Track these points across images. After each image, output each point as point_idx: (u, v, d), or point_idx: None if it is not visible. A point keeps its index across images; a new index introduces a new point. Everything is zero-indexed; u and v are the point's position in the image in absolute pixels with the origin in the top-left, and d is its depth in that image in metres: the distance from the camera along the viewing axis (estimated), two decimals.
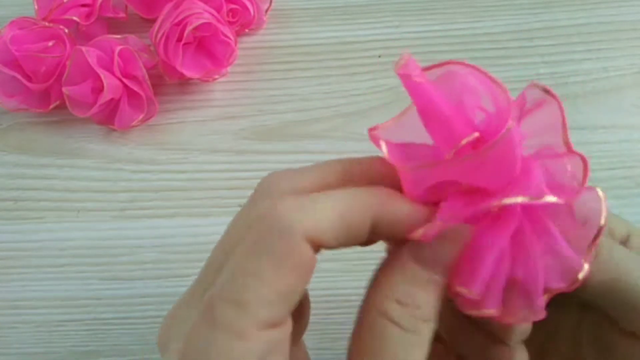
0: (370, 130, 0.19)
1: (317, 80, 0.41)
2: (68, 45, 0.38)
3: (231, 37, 0.39)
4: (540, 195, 0.16)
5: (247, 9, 0.41)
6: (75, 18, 0.40)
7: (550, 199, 0.17)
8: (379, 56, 0.42)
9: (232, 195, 0.37)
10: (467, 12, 0.43)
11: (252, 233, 0.17)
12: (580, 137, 0.38)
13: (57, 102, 0.39)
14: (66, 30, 0.38)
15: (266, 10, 0.43)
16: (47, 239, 0.36)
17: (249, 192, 0.40)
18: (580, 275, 0.17)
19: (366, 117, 0.39)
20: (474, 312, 0.18)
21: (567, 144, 0.18)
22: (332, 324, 0.33)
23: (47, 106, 0.39)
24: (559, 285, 0.17)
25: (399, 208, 0.18)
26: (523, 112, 0.18)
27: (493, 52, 0.41)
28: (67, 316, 0.34)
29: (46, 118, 0.40)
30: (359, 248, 0.31)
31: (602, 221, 0.18)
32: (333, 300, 0.34)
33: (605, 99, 0.39)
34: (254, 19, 0.42)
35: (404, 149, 0.19)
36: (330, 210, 0.17)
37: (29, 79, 0.38)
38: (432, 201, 0.18)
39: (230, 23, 0.41)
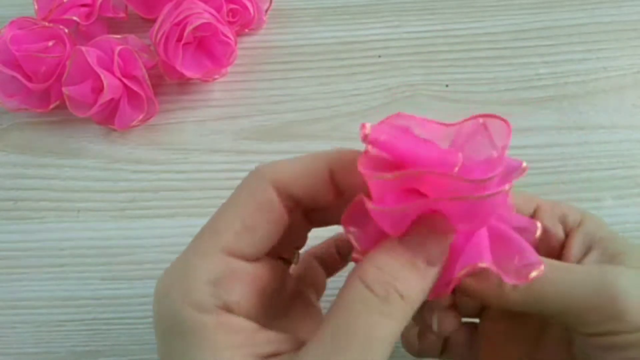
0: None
1: (317, 80, 0.41)
2: (68, 45, 0.38)
3: (231, 37, 0.39)
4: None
5: (247, 9, 0.41)
6: (75, 18, 0.40)
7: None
8: (379, 56, 0.42)
9: None
10: (467, 12, 0.43)
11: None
12: (580, 137, 0.38)
13: (57, 102, 0.39)
14: (66, 30, 0.38)
15: (266, 10, 0.43)
16: (47, 239, 0.36)
17: None
18: (534, 273, 0.19)
19: (366, 117, 0.39)
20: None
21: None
22: None
23: (47, 106, 0.39)
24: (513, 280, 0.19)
25: (353, 155, 0.20)
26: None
27: (493, 52, 0.41)
28: (67, 316, 0.34)
29: (46, 118, 0.40)
30: None
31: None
32: (333, 301, 0.34)
33: (605, 99, 0.39)
34: (254, 19, 0.42)
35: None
36: (294, 160, 0.20)
37: (29, 79, 0.38)
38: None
39: (230, 23, 0.41)
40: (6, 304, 0.34)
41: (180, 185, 0.38)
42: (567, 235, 0.23)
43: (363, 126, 0.18)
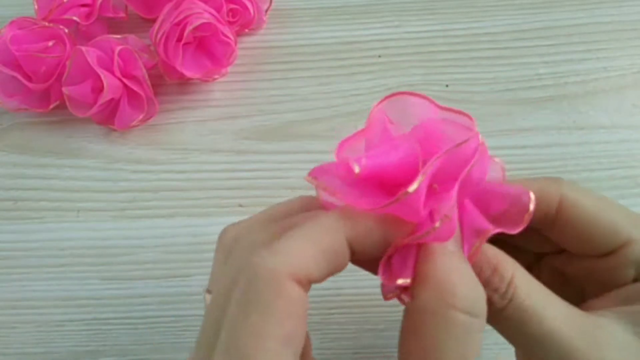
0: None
1: (317, 80, 0.41)
2: (68, 45, 0.38)
3: (231, 37, 0.39)
4: None
5: (247, 9, 0.41)
6: (75, 18, 0.40)
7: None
8: (379, 56, 0.42)
9: (232, 195, 0.37)
10: (467, 12, 0.43)
11: (238, 292, 0.17)
12: (580, 137, 0.38)
13: (57, 102, 0.39)
14: (66, 30, 0.38)
15: (266, 10, 0.43)
16: (47, 239, 0.36)
17: (249, 192, 0.40)
18: (532, 206, 0.18)
19: (366, 117, 0.39)
20: None
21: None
22: (332, 324, 0.33)
23: (47, 106, 0.39)
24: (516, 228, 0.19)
25: (367, 224, 0.18)
26: None
27: (493, 52, 0.41)
28: (67, 316, 0.34)
29: (46, 118, 0.40)
30: None
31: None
32: (333, 300, 0.34)
33: (605, 99, 0.39)
34: (254, 19, 0.42)
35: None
36: (305, 245, 0.17)
37: (29, 79, 0.38)
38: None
39: (230, 23, 0.41)
40: (6, 304, 0.34)
41: (180, 185, 0.38)
42: (636, 279, 0.21)
43: (348, 167, 0.17)
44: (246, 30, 0.43)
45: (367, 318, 0.33)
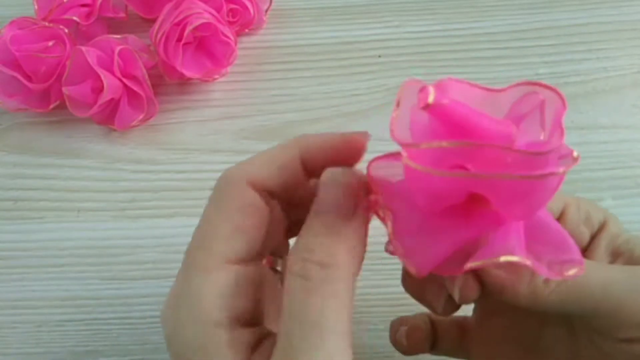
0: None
1: (317, 80, 0.41)
2: (68, 45, 0.38)
3: (231, 37, 0.39)
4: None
5: (247, 9, 0.41)
6: (75, 18, 0.40)
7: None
8: (379, 56, 0.42)
9: None
10: (467, 12, 0.43)
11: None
12: (580, 137, 0.38)
13: (57, 102, 0.39)
14: (66, 30, 0.38)
15: (266, 10, 0.43)
16: (47, 239, 0.36)
17: None
18: (573, 271, 0.17)
19: (366, 117, 0.39)
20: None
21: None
22: None
23: (47, 106, 0.39)
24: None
25: (318, 144, 0.20)
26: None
27: (493, 52, 0.41)
28: (67, 316, 0.34)
29: (46, 118, 0.40)
30: None
31: None
32: None
33: (605, 99, 0.39)
34: (254, 19, 0.42)
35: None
36: (263, 155, 0.21)
37: (29, 79, 0.38)
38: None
39: (230, 23, 0.41)
40: (6, 304, 0.34)
41: (180, 185, 0.38)
42: (592, 238, 0.22)
43: (425, 92, 0.15)
44: (246, 30, 0.43)
45: (367, 318, 0.33)
